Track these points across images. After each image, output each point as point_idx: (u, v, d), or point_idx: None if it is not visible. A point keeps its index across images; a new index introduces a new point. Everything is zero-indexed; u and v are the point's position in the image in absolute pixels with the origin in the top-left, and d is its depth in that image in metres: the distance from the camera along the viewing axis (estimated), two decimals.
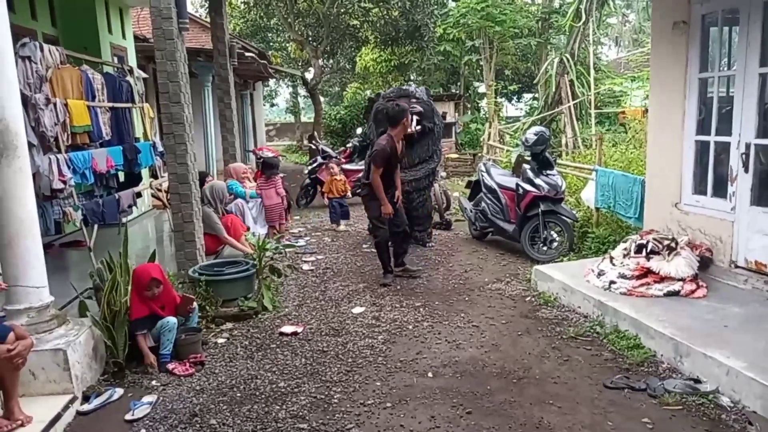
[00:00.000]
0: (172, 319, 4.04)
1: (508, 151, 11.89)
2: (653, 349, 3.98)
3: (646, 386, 3.56)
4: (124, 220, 6.31)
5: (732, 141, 4.70)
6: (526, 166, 6.81)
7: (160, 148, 6.86)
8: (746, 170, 4.58)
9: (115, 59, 8.30)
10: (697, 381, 3.55)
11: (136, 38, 10.01)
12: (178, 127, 5.21)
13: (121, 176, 6.45)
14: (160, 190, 7.03)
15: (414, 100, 7.15)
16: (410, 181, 7.09)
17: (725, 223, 4.80)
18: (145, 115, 6.85)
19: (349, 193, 9.28)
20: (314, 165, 10.61)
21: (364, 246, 7.59)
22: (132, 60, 9.24)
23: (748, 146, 4.54)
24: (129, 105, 6.45)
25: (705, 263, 4.90)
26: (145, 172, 7.16)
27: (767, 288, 4.49)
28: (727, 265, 4.82)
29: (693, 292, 4.59)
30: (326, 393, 3.64)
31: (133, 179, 6.64)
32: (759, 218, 4.53)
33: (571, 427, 3.19)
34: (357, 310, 5.15)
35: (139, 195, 6.66)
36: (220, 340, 4.51)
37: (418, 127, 7.02)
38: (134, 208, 6.50)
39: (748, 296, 4.50)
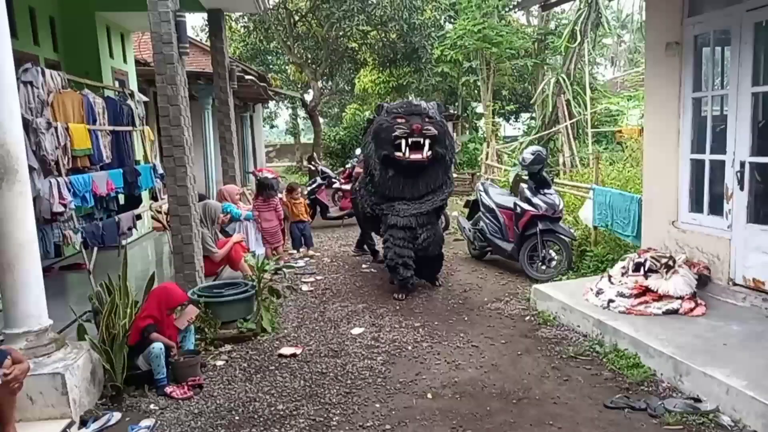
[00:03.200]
0: (157, 345, 4.01)
1: (505, 170, 11.95)
2: (653, 368, 3.97)
3: (646, 406, 3.55)
4: (123, 242, 6.32)
5: (727, 159, 4.74)
6: (523, 185, 6.84)
7: (160, 171, 6.90)
8: (741, 188, 4.61)
9: (116, 83, 8.40)
10: (698, 400, 3.53)
11: (137, 62, 10.13)
12: (178, 150, 5.26)
13: (122, 199, 6.48)
14: (160, 212, 7.04)
15: (428, 120, 5.96)
16: (415, 215, 6.07)
17: (722, 240, 4.82)
18: (146, 138, 6.90)
19: (306, 218, 8.67)
20: (314, 186, 10.68)
21: (363, 266, 7.59)
22: (133, 84, 9.34)
23: (742, 164, 4.58)
24: (130, 128, 6.49)
25: (703, 281, 4.91)
26: (145, 195, 7.18)
27: (766, 305, 4.49)
28: (725, 282, 4.82)
29: (692, 310, 4.58)
30: (325, 415, 3.62)
31: (134, 201, 6.66)
32: (756, 236, 4.55)
33: None
34: (356, 330, 5.14)
35: (139, 217, 6.67)
36: (219, 363, 4.49)
37: (429, 153, 5.92)
38: (134, 230, 6.52)
39: (747, 314, 4.50)
